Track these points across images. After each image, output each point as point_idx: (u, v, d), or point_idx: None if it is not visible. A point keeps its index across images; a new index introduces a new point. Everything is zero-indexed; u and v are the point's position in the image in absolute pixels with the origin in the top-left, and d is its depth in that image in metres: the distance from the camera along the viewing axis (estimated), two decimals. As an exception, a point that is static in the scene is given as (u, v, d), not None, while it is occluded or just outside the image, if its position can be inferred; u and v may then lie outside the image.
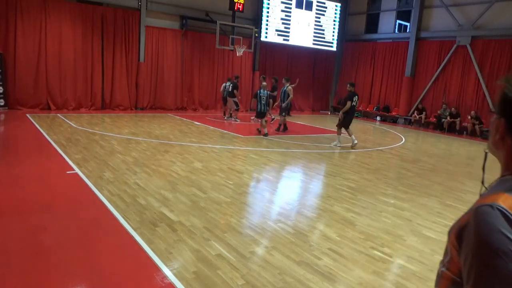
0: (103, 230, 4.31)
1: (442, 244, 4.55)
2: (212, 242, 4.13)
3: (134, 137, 9.92)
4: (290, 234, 4.49)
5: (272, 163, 8.18)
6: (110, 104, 15.39)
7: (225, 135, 11.36)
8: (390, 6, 19.69)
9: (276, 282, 3.41)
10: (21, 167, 6.50)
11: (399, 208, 5.80)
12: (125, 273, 3.45)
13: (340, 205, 5.74)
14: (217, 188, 6.08)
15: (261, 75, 19.72)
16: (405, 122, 18.69)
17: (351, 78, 21.44)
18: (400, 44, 19.03)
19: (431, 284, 3.61)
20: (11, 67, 13.17)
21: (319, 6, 19.98)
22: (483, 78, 15.97)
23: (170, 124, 12.72)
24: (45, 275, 3.31)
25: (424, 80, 18.11)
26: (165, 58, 16.49)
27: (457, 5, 16.80)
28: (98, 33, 14.76)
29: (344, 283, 3.51)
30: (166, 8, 16.29)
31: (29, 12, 13.26)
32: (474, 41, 16.24)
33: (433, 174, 8.37)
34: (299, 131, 13.94)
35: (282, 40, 19.14)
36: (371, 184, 7.11)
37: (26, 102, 13.51)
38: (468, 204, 6.23)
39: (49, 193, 5.37)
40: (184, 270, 3.50)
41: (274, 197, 6.11)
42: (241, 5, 16.18)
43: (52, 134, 9.37)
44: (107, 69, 15.14)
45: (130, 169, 6.79)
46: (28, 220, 4.37)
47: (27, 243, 3.82)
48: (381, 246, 4.37)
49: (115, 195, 5.38)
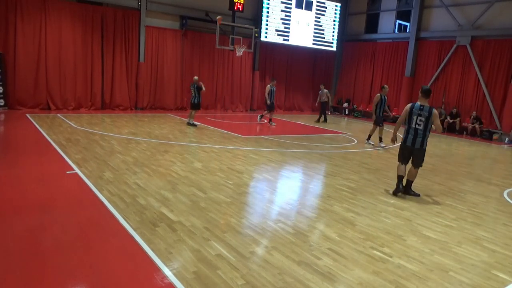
0: (103, 230, 4.31)
1: (442, 244, 4.56)
2: (212, 242, 4.13)
3: (134, 137, 9.92)
4: (290, 234, 4.49)
5: (272, 163, 8.18)
6: (110, 104, 15.39)
7: (225, 135, 11.36)
8: (390, 6, 19.70)
9: (276, 282, 3.41)
10: (21, 167, 6.50)
11: (399, 208, 5.80)
12: (125, 273, 3.45)
13: (340, 205, 5.74)
14: (217, 188, 6.08)
15: (261, 75, 19.80)
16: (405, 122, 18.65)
17: (351, 78, 21.50)
18: (400, 44, 19.04)
19: (431, 284, 3.61)
20: (11, 67, 13.17)
21: (319, 6, 19.98)
22: (483, 78, 15.98)
23: (170, 124, 12.72)
24: (45, 275, 3.31)
25: (424, 80, 18.11)
26: (165, 58, 16.49)
27: (457, 5, 16.80)
28: (98, 33, 14.76)
29: (344, 283, 3.51)
30: (166, 8, 16.29)
31: (29, 12, 13.26)
32: (474, 41, 16.25)
33: (433, 174, 8.37)
34: (299, 131, 13.94)
35: (282, 40, 19.15)
36: (371, 184, 7.11)
37: (26, 102, 13.52)
38: (468, 204, 6.27)
39: (49, 193, 5.37)
40: (184, 270, 3.50)
41: (274, 197, 6.11)
42: (241, 5, 16.19)
43: (52, 134, 9.37)
44: (107, 69, 15.14)
45: (130, 169, 6.79)
46: (28, 220, 4.37)
47: (27, 243, 3.82)
48: (381, 246, 4.37)
49: (115, 195, 5.37)
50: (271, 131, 13.42)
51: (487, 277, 3.85)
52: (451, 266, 4.02)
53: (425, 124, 6.12)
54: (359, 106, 20.95)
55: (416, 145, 6.22)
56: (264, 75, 19.93)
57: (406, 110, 6.31)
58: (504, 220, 5.66)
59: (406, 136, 6.33)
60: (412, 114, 6.21)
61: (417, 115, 6.16)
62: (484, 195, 6.97)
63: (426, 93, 6.23)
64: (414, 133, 6.21)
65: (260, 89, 19.78)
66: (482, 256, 4.34)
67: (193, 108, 12.69)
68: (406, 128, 6.33)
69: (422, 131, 6.16)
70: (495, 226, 5.35)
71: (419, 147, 6.23)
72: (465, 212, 5.85)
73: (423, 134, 6.15)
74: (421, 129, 6.15)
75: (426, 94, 6.22)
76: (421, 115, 6.12)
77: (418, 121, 6.14)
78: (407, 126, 6.31)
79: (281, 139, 11.45)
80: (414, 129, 6.20)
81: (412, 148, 6.28)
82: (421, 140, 6.19)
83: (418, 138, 6.18)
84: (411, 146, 6.27)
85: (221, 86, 18.35)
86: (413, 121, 6.20)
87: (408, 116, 6.26)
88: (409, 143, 6.29)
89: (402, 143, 6.44)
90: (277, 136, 12.08)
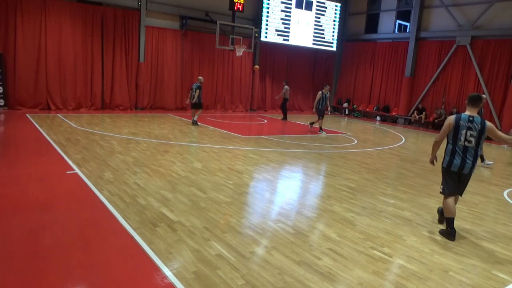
0: (103, 230, 4.31)
1: (442, 244, 4.55)
2: (212, 242, 4.13)
3: (134, 137, 9.92)
4: (290, 234, 4.49)
5: (272, 163, 8.18)
6: (110, 104, 15.40)
7: (225, 135, 11.36)
8: (390, 6, 19.70)
9: (276, 282, 3.41)
10: (21, 167, 6.50)
11: (399, 208, 5.80)
12: (125, 273, 3.45)
13: (340, 205, 5.74)
14: (217, 188, 6.08)
15: (261, 75, 19.80)
16: (405, 122, 18.69)
17: (351, 78, 21.50)
18: (400, 44, 19.04)
19: (431, 284, 3.61)
20: (11, 67, 13.17)
21: (319, 6, 19.98)
22: (483, 78, 15.98)
23: (170, 124, 12.72)
24: (44, 275, 3.31)
25: (424, 80, 18.13)
26: (165, 58, 16.49)
27: (457, 5, 16.80)
28: (98, 33, 14.76)
29: (344, 283, 3.51)
30: (166, 8, 16.29)
31: (29, 12, 13.26)
32: (474, 41, 16.25)
33: (433, 174, 8.36)
34: (299, 131, 13.94)
35: (282, 40, 19.15)
36: (371, 184, 7.11)
37: (26, 102, 13.52)
38: (468, 204, 6.25)
39: (49, 193, 5.37)
40: (184, 270, 3.50)
41: (274, 197, 6.11)
42: (241, 5, 16.19)
43: (52, 134, 9.37)
44: (107, 69, 15.14)
45: (130, 169, 6.79)
46: (28, 220, 4.37)
47: (27, 243, 3.82)
48: (381, 246, 4.37)
49: (115, 195, 5.37)
50: (271, 131, 13.43)
51: (487, 277, 3.85)
52: (451, 266, 4.02)
53: (477, 140, 4.72)
54: (359, 106, 20.95)
55: (465, 170, 4.78)
56: (264, 75, 19.93)
57: (450, 123, 4.82)
58: (504, 220, 5.66)
59: (450, 159, 4.84)
60: (459, 128, 4.75)
61: (466, 128, 4.72)
62: (484, 195, 6.97)
63: (475, 101, 4.85)
64: (463, 154, 4.75)
65: (260, 89, 19.79)
66: (482, 256, 4.34)
67: (199, 107, 12.98)
68: (450, 147, 4.87)
69: (474, 149, 4.75)
70: (495, 226, 5.35)
71: (467, 173, 4.81)
72: (465, 212, 5.85)
73: (475, 153, 4.76)
74: (472, 146, 4.73)
75: (475, 102, 4.85)
76: (471, 128, 4.71)
77: (469, 137, 4.72)
78: (452, 145, 4.85)
79: (281, 139, 11.45)
80: (463, 147, 4.75)
81: (459, 174, 4.85)
82: (472, 162, 4.75)
83: (468, 161, 4.73)
84: (459, 171, 4.82)
85: (221, 86, 18.35)
86: (461, 137, 4.75)
87: (454, 131, 4.79)
88: (455, 168, 4.81)
89: (445, 168, 4.92)
90: (277, 136, 12.08)
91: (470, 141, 4.73)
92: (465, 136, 4.74)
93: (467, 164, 4.75)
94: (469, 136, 4.72)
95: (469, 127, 4.73)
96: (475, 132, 4.70)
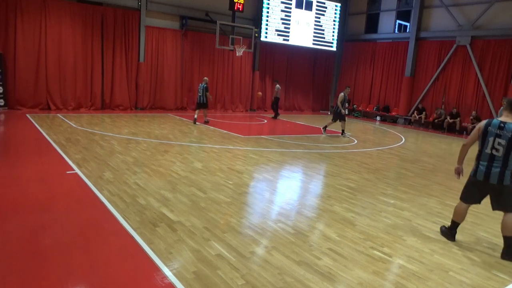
0: (103, 230, 4.31)
1: (442, 244, 4.55)
2: (212, 242, 4.13)
3: (134, 137, 9.92)
4: (290, 234, 4.49)
5: (272, 163, 8.18)
6: (110, 104, 15.40)
7: (225, 135, 11.36)
8: (390, 6, 19.70)
9: (276, 282, 3.41)
10: (21, 167, 6.50)
11: (399, 208, 5.80)
12: (125, 273, 3.45)
13: (340, 205, 5.74)
14: (217, 188, 6.08)
15: (261, 75, 19.81)
16: (405, 122, 18.69)
17: (351, 78, 21.50)
18: (400, 44, 19.04)
19: (431, 284, 3.61)
20: (11, 67, 13.18)
21: (319, 6, 19.98)
22: (483, 78, 15.98)
23: (170, 124, 12.72)
24: (44, 275, 3.31)
25: (424, 80, 18.12)
26: (165, 58, 16.50)
27: (457, 5, 16.80)
28: (98, 33, 14.77)
29: (344, 283, 3.51)
30: (166, 8, 16.30)
31: (29, 12, 13.26)
32: (474, 41, 16.25)
33: (433, 174, 8.37)
34: (299, 131, 13.94)
35: (282, 40, 19.15)
36: (371, 184, 7.11)
37: (26, 102, 13.52)
38: (468, 204, 6.14)
39: (49, 193, 5.37)
40: (184, 270, 3.50)
41: (274, 197, 6.11)
42: (241, 5, 16.20)
43: (52, 134, 9.37)
44: (107, 69, 15.14)
45: (130, 169, 6.79)
46: (28, 220, 4.37)
47: (27, 243, 3.82)
48: (381, 246, 4.37)
49: (115, 195, 5.37)
50: (271, 131, 13.43)
51: (487, 277, 3.85)
52: (451, 266, 4.02)
53: (506, 149, 4.21)
54: (359, 106, 20.95)
55: (492, 180, 4.31)
56: (264, 75, 19.93)
57: (480, 128, 4.44)
58: (504, 220, 5.65)
59: (476, 166, 4.48)
60: (487, 135, 4.34)
61: (494, 135, 4.29)
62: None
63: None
64: (489, 162, 4.33)
65: (260, 89, 19.78)
66: (482, 256, 4.34)
67: (205, 107, 13.41)
68: (478, 153, 4.50)
69: (502, 158, 4.26)
70: (494, 226, 5.34)
71: (495, 183, 4.31)
72: (465, 212, 5.85)
73: (503, 163, 4.26)
74: (499, 155, 4.27)
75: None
76: (500, 136, 4.24)
77: (496, 145, 4.27)
78: (479, 152, 4.48)
79: (281, 139, 11.45)
80: (489, 155, 4.33)
81: (485, 184, 4.40)
82: (499, 172, 4.27)
83: (495, 170, 4.29)
84: (484, 181, 4.38)
85: (221, 86, 18.35)
86: (488, 144, 4.34)
87: (482, 136, 4.41)
88: (480, 177, 4.41)
89: (471, 175, 4.57)
90: (277, 136, 12.08)
91: (498, 149, 4.27)
92: (492, 144, 4.31)
93: (493, 174, 4.30)
94: (497, 144, 4.27)
95: (498, 134, 4.27)
96: (504, 140, 4.22)
